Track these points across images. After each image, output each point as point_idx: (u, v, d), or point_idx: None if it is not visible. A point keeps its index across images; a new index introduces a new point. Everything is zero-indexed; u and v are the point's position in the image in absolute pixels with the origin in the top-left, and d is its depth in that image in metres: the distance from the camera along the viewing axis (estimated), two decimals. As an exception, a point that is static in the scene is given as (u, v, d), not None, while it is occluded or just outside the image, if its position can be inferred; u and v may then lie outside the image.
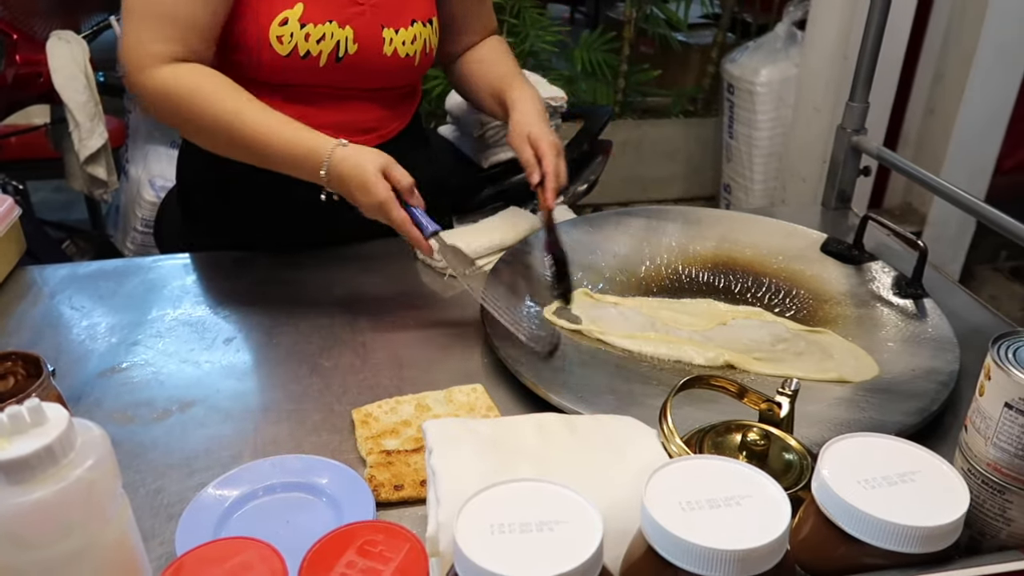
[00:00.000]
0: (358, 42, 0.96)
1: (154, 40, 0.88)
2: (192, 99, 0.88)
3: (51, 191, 2.79)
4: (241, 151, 0.90)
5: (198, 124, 0.90)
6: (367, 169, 0.85)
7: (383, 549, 0.44)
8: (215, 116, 0.88)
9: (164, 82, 0.88)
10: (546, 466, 0.57)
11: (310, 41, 0.93)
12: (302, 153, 0.88)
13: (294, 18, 0.92)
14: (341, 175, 0.86)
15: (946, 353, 0.82)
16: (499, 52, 1.14)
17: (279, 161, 0.89)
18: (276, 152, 0.88)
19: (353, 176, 0.86)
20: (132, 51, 0.89)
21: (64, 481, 0.38)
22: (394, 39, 0.99)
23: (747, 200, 2.71)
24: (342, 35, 0.95)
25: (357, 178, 0.86)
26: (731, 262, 1.03)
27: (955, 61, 2.30)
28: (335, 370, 0.83)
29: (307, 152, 0.87)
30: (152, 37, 0.88)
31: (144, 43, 0.88)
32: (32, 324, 0.91)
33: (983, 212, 0.94)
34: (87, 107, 1.71)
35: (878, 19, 1.10)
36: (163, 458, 0.71)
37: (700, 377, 0.64)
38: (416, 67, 1.04)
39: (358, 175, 0.86)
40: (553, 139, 1.00)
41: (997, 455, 0.50)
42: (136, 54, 0.88)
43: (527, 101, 1.04)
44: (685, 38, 2.98)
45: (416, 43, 1.01)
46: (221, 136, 0.89)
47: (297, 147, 0.88)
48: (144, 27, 0.88)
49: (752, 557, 0.41)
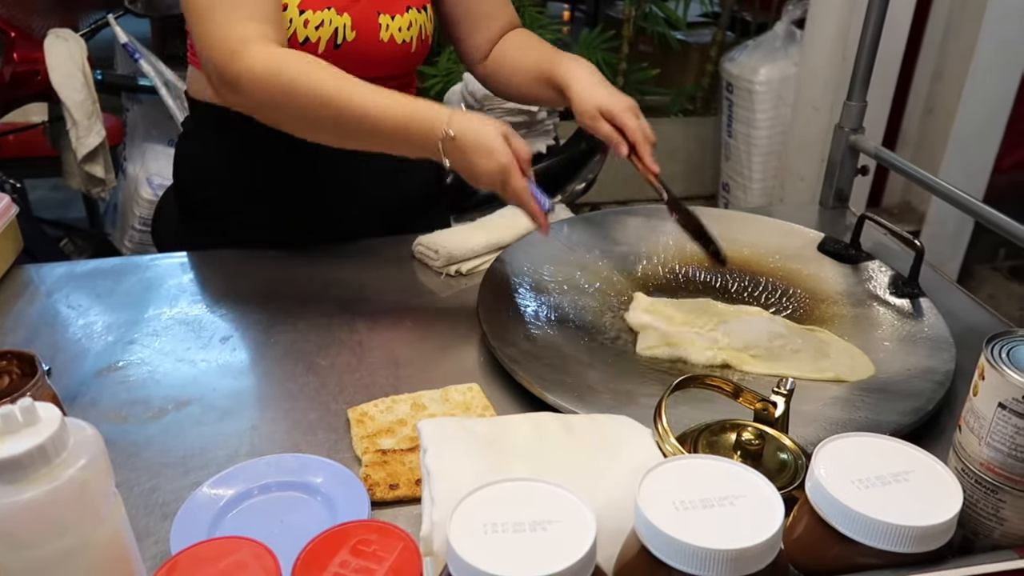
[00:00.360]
0: (356, 29, 0.96)
1: (239, 21, 0.84)
2: (293, 77, 0.83)
3: (49, 189, 2.79)
4: (349, 133, 0.85)
5: (301, 104, 0.84)
6: (491, 132, 0.81)
7: (377, 549, 0.44)
8: (319, 96, 0.83)
9: (267, 63, 0.83)
10: (541, 465, 0.57)
11: (308, 27, 0.93)
12: (419, 119, 0.82)
13: (293, 4, 0.92)
14: (464, 138, 0.81)
15: (942, 352, 0.82)
16: (531, 39, 1.10)
17: (396, 133, 0.83)
18: (392, 125, 0.83)
19: (477, 139, 0.81)
20: (217, 42, 0.84)
21: (57, 480, 0.38)
22: (390, 25, 0.99)
23: (746, 199, 2.71)
24: (340, 22, 0.95)
25: (481, 141, 0.81)
26: (728, 260, 1.03)
27: (954, 60, 2.31)
28: (332, 369, 0.83)
29: (424, 118, 0.82)
30: (236, 19, 0.84)
31: (233, 29, 0.84)
32: (29, 323, 0.91)
33: (980, 212, 0.94)
34: (85, 105, 1.71)
35: (876, 18, 1.10)
36: (158, 457, 0.71)
37: (695, 376, 0.64)
38: (413, 54, 1.03)
39: (482, 138, 0.81)
40: (626, 102, 0.94)
41: (990, 455, 0.50)
42: (223, 43, 0.84)
43: (581, 74, 0.97)
44: (684, 37, 2.98)
45: (412, 29, 1.01)
46: (321, 115, 0.84)
47: (414, 115, 0.83)
48: (224, 12, 0.84)
49: (745, 557, 0.41)
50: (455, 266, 1.02)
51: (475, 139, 0.82)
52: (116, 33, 1.95)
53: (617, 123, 0.93)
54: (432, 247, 1.03)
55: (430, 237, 1.04)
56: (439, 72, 2.19)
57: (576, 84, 0.96)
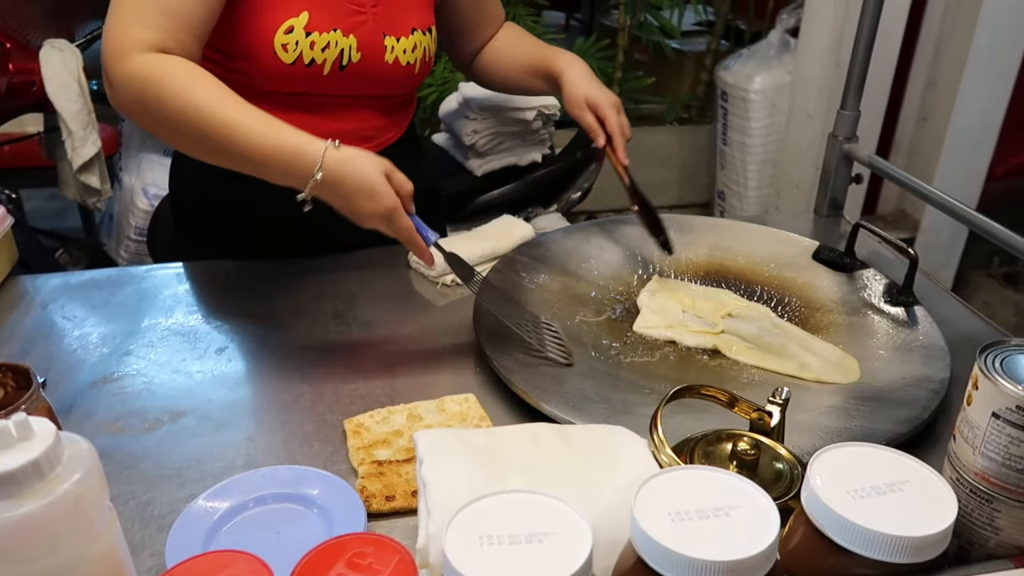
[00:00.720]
0: (361, 51, 0.96)
1: (139, 27, 0.81)
2: (162, 86, 0.79)
3: (45, 199, 2.79)
4: (214, 149, 0.82)
5: (167, 115, 0.81)
6: (373, 173, 0.79)
7: (372, 561, 0.44)
8: (187, 106, 0.79)
9: (136, 68, 0.80)
10: (537, 476, 0.57)
11: (315, 49, 0.93)
12: (290, 153, 0.79)
13: (299, 26, 0.92)
14: (340, 179, 0.79)
15: (937, 361, 0.82)
16: (520, 34, 1.16)
17: (260, 161, 0.80)
18: (257, 151, 0.80)
19: (356, 180, 0.79)
20: (113, 38, 0.82)
21: (51, 495, 0.38)
22: (395, 47, 0.99)
23: (741, 207, 2.71)
24: (346, 43, 0.95)
25: (362, 183, 0.79)
26: (723, 270, 1.03)
27: (947, 68, 2.32)
28: (327, 380, 0.83)
29: (296, 152, 0.79)
30: (137, 23, 0.82)
31: (128, 29, 0.82)
32: (24, 334, 0.91)
33: (973, 220, 0.95)
34: (80, 115, 1.70)
35: (869, 27, 1.10)
36: (154, 469, 0.71)
37: (691, 387, 0.64)
38: (416, 75, 1.04)
39: (363, 179, 0.79)
40: (610, 98, 1.03)
41: (985, 464, 0.50)
42: (117, 41, 0.82)
43: (573, 66, 1.06)
44: (679, 45, 2.99)
45: (416, 51, 1.02)
46: (190, 129, 0.80)
47: (284, 146, 0.79)
48: (130, 13, 0.82)
49: (740, 568, 0.41)
50: (451, 276, 1.02)
51: (353, 179, 0.79)
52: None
53: (600, 115, 1.03)
54: (428, 257, 1.03)
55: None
56: (435, 81, 2.20)
57: (568, 75, 1.05)
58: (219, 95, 0.81)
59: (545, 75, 1.09)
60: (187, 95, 0.80)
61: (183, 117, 0.80)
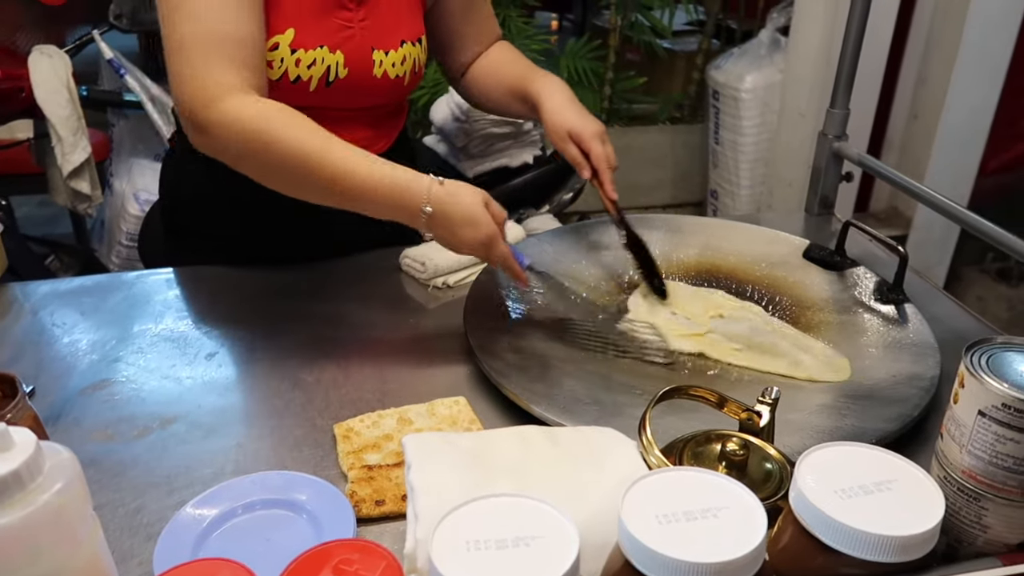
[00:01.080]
0: (349, 66, 0.95)
1: (218, 66, 0.81)
2: (267, 132, 0.80)
3: (36, 206, 2.78)
4: (324, 191, 0.83)
5: (275, 161, 0.82)
6: (474, 204, 0.82)
7: (359, 568, 0.44)
8: (295, 152, 0.81)
9: (238, 112, 0.81)
10: (526, 479, 0.57)
11: (300, 66, 0.92)
12: (399, 190, 0.82)
13: (284, 43, 0.91)
14: (446, 212, 0.82)
15: (927, 358, 0.82)
16: (509, 53, 1.12)
17: (370, 200, 0.82)
18: (368, 191, 0.82)
19: (459, 212, 0.82)
20: (193, 84, 0.81)
21: (31, 506, 0.38)
22: (384, 61, 0.98)
23: (734, 206, 2.72)
24: (333, 60, 0.94)
25: (465, 214, 0.82)
26: (714, 269, 1.03)
27: (937, 65, 2.32)
28: (317, 384, 0.83)
29: (404, 188, 0.82)
30: (215, 63, 0.81)
31: (208, 72, 0.81)
32: (13, 341, 0.91)
33: (963, 217, 0.95)
34: (70, 121, 1.70)
35: (857, 25, 1.10)
36: (143, 476, 0.70)
37: (680, 387, 0.64)
38: (406, 87, 1.03)
39: (466, 211, 0.82)
40: (594, 127, 0.98)
41: (972, 463, 0.50)
42: (199, 86, 0.81)
43: (554, 93, 1.00)
44: (670, 45, 2.99)
45: (406, 64, 1.01)
46: (299, 173, 0.82)
47: (394, 185, 0.82)
48: (203, 55, 0.81)
49: (728, 570, 0.41)
50: (442, 279, 1.02)
51: (456, 211, 0.82)
52: (101, 49, 1.94)
53: (584, 147, 0.97)
54: (419, 260, 1.03)
55: (417, 250, 1.04)
56: (426, 84, 2.20)
57: (548, 104, 0.99)
58: (325, 138, 0.82)
59: (524, 99, 1.04)
60: (292, 141, 0.81)
61: (291, 163, 0.82)
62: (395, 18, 0.99)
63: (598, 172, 0.98)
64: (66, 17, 2.10)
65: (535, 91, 1.01)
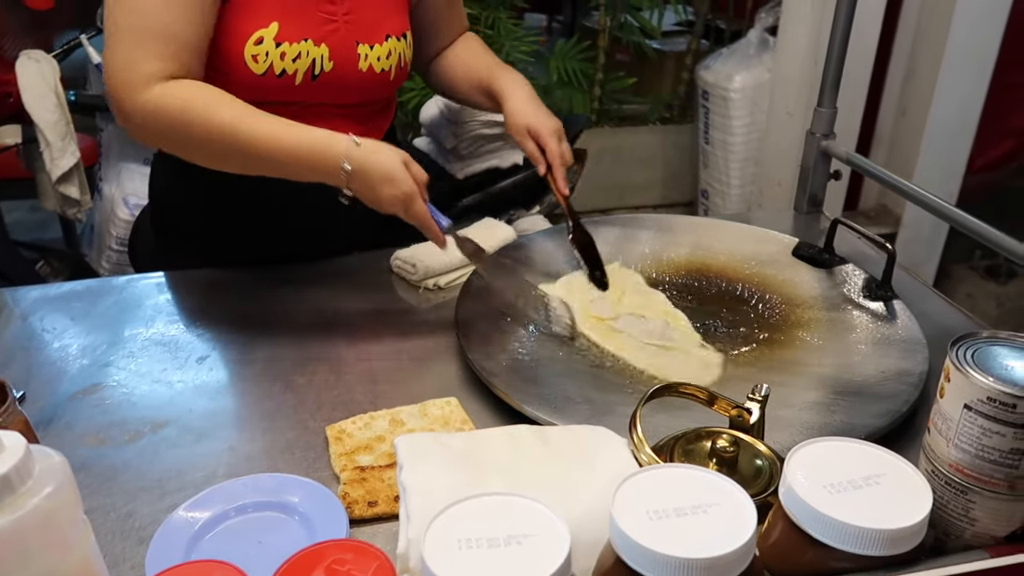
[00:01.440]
0: (333, 59, 0.96)
1: (147, 59, 0.84)
2: (185, 113, 0.84)
3: (26, 211, 2.77)
4: (245, 160, 0.87)
5: (196, 138, 0.86)
6: (393, 160, 0.85)
7: (351, 568, 0.44)
8: (213, 127, 0.84)
9: (156, 100, 0.84)
10: (517, 479, 0.57)
11: (285, 60, 0.93)
12: (319, 151, 0.85)
13: (269, 37, 0.91)
14: (364, 168, 0.85)
15: (915, 354, 0.82)
16: (475, 47, 1.16)
17: (291, 163, 0.86)
18: (286, 154, 0.85)
19: (378, 168, 0.85)
20: (122, 72, 0.85)
21: (21, 510, 0.38)
22: (369, 55, 0.99)
23: (725, 205, 2.73)
24: (317, 53, 0.94)
25: (382, 170, 0.85)
26: (704, 268, 1.04)
27: (925, 62, 2.34)
28: (309, 386, 0.83)
29: (323, 149, 0.85)
30: (145, 56, 0.84)
31: (136, 63, 0.84)
32: (3, 347, 0.90)
33: (951, 214, 0.95)
34: (58, 126, 1.69)
35: (843, 26, 1.11)
36: (135, 481, 0.70)
37: (670, 385, 0.64)
38: (392, 81, 1.04)
39: (384, 167, 0.85)
40: (551, 124, 1.02)
41: (958, 456, 0.51)
42: (126, 75, 0.84)
43: (516, 89, 1.05)
44: (659, 45, 3.00)
45: (391, 58, 1.01)
46: (220, 147, 0.86)
47: (312, 146, 0.85)
48: (135, 46, 0.84)
49: (718, 565, 0.41)
50: (433, 280, 1.02)
51: (375, 167, 0.85)
52: (89, 53, 1.94)
53: (541, 143, 1.02)
54: (410, 261, 1.03)
55: (407, 251, 1.04)
56: (416, 86, 2.19)
57: (510, 101, 1.04)
58: (241, 110, 0.86)
59: (488, 94, 1.09)
60: (212, 116, 0.85)
61: (212, 137, 0.85)
62: (379, 12, 1.00)
63: (552, 168, 1.02)
64: (53, 22, 2.09)
65: (498, 87, 1.06)
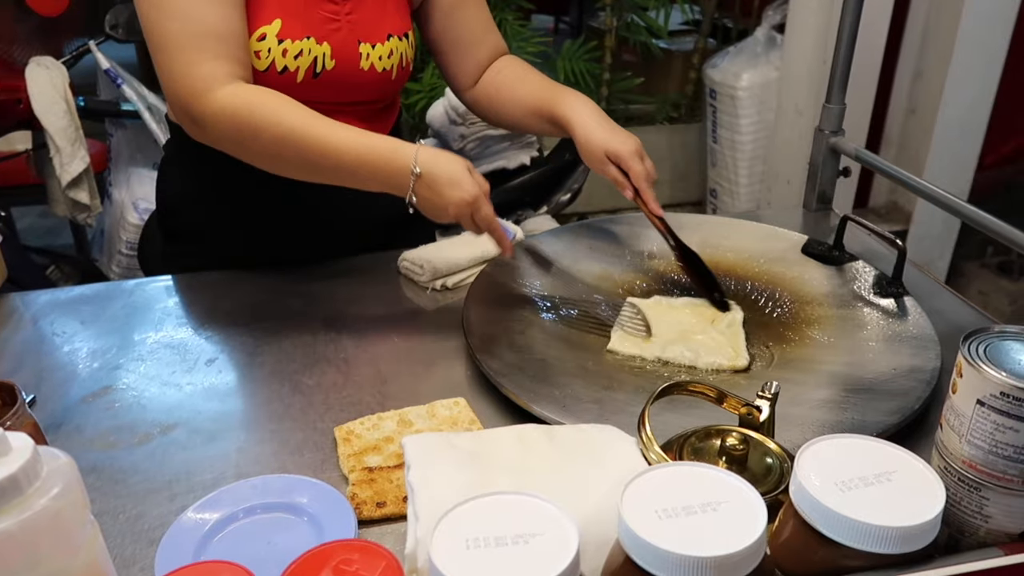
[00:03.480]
0: (335, 58, 0.96)
1: (206, 61, 0.85)
2: (253, 117, 0.85)
3: (37, 217, 2.79)
4: (313, 166, 0.87)
5: (267, 141, 0.86)
6: (458, 167, 0.86)
7: (359, 568, 0.44)
8: (283, 130, 0.85)
9: (227, 102, 0.85)
10: (525, 478, 0.57)
11: (287, 57, 0.93)
12: (386, 156, 0.85)
13: (272, 34, 0.92)
14: (433, 172, 0.85)
15: (927, 351, 0.82)
16: (525, 70, 1.10)
17: (359, 169, 0.86)
18: (355, 161, 0.85)
19: (445, 172, 0.85)
20: (184, 80, 0.85)
21: (29, 511, 0.38)
22: (371, 54, 0.99)
23: (733, 204, 2.72)
24: (320, 51, 0.95)
25: (450, 174, 0.85)
26: (713, 266, 1.03)
27: (934, 58, 2.32)
28: (317, 388, 0.83)
29: (391, 155, 0.85)
30: (199, 59, 0.85)
31: (195, 67, 0.85)
32: (13, 351, 0.91)
33: (962, 210, 0.95)
34: (67, 132, 1.70)
35: (851, 21, 1.10)
36: (144, 483, 0.70)
37: (679, 383, 0.64)
38: (393, 81, 1.04)
39: (451, 171, 0.85)
40: (631, 145, 0.97)
41: (971, 452, 0.50)
42: (190, 82, 0.85)
43: (584, 112, 0.98)
44: (667, 45, 3.00)
45: (393, 57, 1.01)
46: (289, 151, 0.86)
47: (380, 152, 0.86)
48: (189, 52, 0.85)
49: (728, 563, 0.41)
50: (441, 280, 1.02)
51: (445, 174, 0.85)
52: (98, 59, 1.95)
53: (623, 167, 0.97)
54: (417, 262, 1.03)
55: (415, 252, 1.04)
56: (423, 88, 2.20)
57: (580, 128, 0.98)
58: (309, 116, 0.86)
59: (550, 119, 1.02)
60: (280, 122, 0.85)
61: (281, 143, 0.86)
62: (381, 12, 1.00)
63: (640, 191, 0.97)
64: (62, 28, 2.11)
65: (563, 113, 0.99)
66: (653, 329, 0.89)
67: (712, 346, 0.85)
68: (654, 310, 0.92)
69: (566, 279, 1.00)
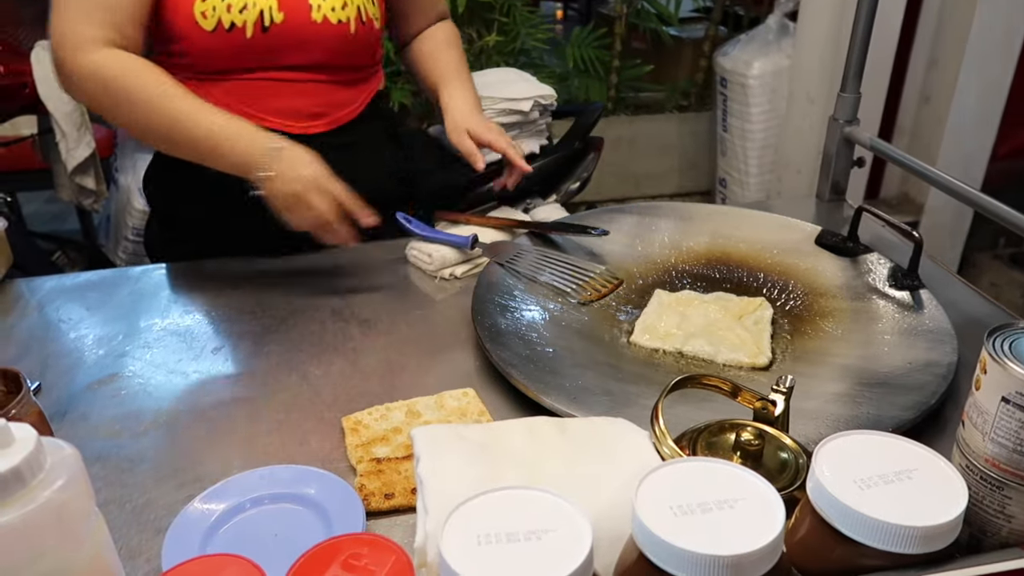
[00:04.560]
0: (283, 9, 0.95)
1: (86, 23, 0.89)
2: (119, 79, 0.89)
3: (43, 202, 2.78)
4: (164, 136, 0.91)
5: (124, 106, 0.90)
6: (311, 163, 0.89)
7: (368, 562, 0.43)
8: (142, 98, 0.89)
9: (95, 64, 0.88)
10: (536, 471, 0.56)
11: (232, 12, 0.93)
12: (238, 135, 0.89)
13: None
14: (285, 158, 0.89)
15: (944, 345, 0.80)
16: (442, 44, 1.16)
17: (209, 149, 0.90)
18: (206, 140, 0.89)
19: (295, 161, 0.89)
20: (66, 34, 0.89)
21: (33, 503, 0.37)
22: (322, 5, 0.98)
23: (743, 194, 2.70)
24: (265, 3, 0.94)
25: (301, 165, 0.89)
26: (725, 257, 1.02)
27: (948, 48, 2.29)
28: (325, 377, 0.82)
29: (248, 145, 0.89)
30: (83, 20, 0.89)
31: (78, 26, 0.89)
32: (19, 338, 0.90)
33: (976, 200, 0.93)
34: (73, 117, 1.69)
35: (867, 9, 1.09)
36: (150, 472, 0.70)
37: (692, 376, 0.63)
38: (354, 36, 1.01)
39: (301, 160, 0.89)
40: (490, 124, 1.05)
41: (995, 451, 0.49)
42: (70, 37, 0.89)
43: (457, 101, 1.08)
44: (677, 32, 2.97)
45: (348, 9, 0.99)
46: (145, 118, 0.90)
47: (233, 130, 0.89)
48: (75, 11, 0.89)
49: (745, 562, 0.40)
50: (449, 270, 1.01)
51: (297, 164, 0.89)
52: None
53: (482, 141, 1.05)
54: (426, 251, 1.02)
55: (424, 241, 1.03)
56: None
57: (449, 112, 1.08)
58: (172, 88, 0.90)
59: (437, 102, 1.12)
60: (143, 89, 0.89)
61: (137, 108, 0.89)
62: None
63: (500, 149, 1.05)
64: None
65: (443, 99, 1.10)
66: (678, 322, 0.87)
67: (735, 342, 0.84)
68: (682, 303, 0.91)
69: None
